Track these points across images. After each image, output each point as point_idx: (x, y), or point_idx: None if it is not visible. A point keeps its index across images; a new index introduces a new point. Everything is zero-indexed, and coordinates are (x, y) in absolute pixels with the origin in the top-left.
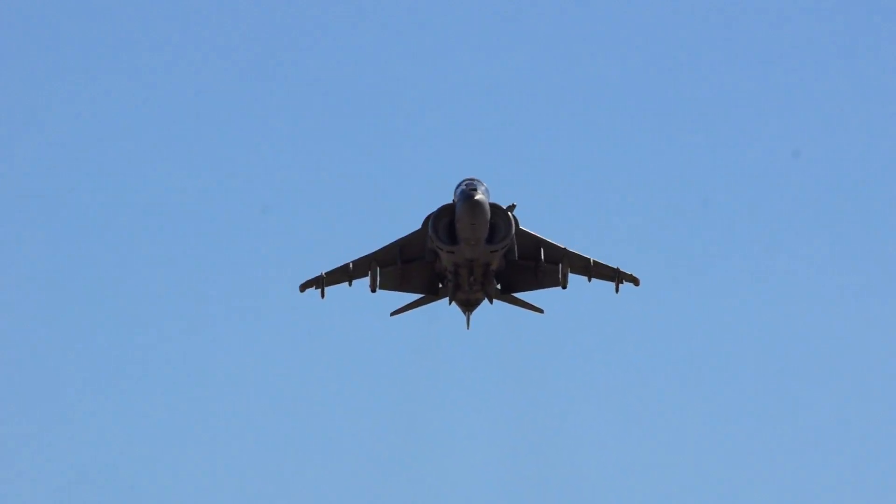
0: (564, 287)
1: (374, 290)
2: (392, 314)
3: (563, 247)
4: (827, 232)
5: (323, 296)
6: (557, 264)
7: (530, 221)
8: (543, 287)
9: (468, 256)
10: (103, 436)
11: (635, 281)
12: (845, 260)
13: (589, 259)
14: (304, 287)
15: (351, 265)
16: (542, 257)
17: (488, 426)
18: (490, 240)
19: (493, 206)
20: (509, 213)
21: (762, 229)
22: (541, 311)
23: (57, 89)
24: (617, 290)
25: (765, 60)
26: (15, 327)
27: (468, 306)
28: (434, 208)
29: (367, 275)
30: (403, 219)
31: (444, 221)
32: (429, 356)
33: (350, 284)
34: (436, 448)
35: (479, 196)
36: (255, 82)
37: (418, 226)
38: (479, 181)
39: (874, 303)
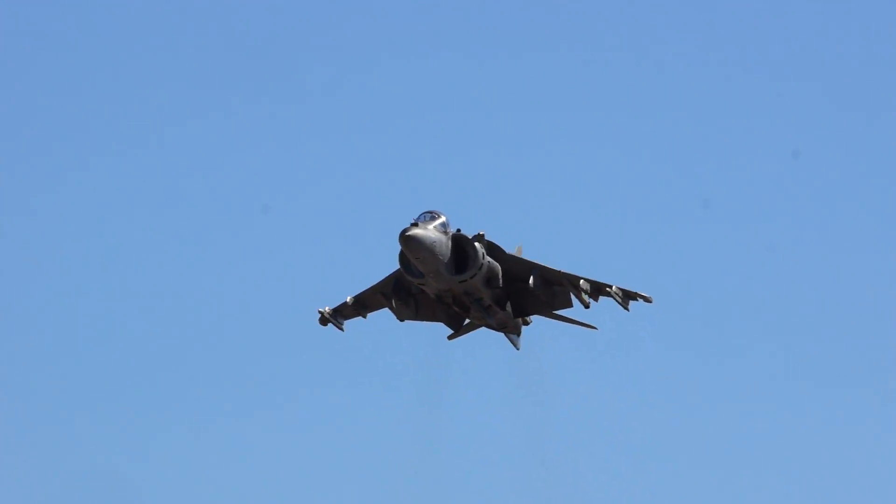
0: (586, 307)
1: (402, 320)
2: (449, 338)
3: (556, 269)
4: (826, 231)
5: (342, 329)
6: (559, 286)
7: (530, 246)
8: (556, 309)
9: (440, 287)
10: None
11: (647, 299)
12: (845, 259)
13: (579, 278)
14: (324, 322)
15: (349, 300)
16: (531, 282)
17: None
18: (461, 270)
19: (460, 238)
20: (476, 242)
21: (762, 230)
22: (594, 327)
23: (57, 87)
24: (627, 308)
25: (765, 60)
26: (12, 328)
27: (504, 330)
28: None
29: (379, 307)
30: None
31: None
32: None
33: (365, 317)
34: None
35: (411, 231)
36: (255, 86)
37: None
38: (433, 214)
39: (877, 300)
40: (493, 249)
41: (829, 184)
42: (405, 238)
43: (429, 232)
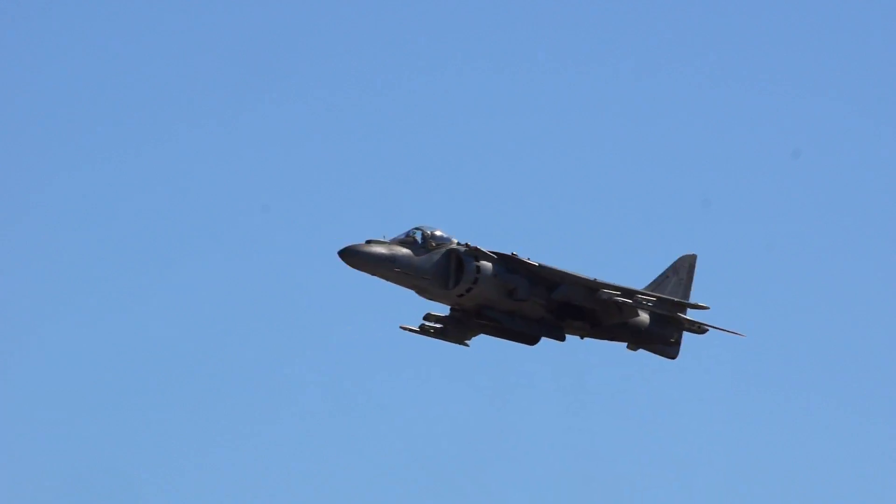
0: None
1: (534, 343)
2: (629, 348)
3: (583, 276)
4: (826, 232)
5: (467, 344)
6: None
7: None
8: (626, 319)
9: (445, 302)
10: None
11: (702, 307)
12: (845, 260)
13: (599, 285)
14: (436, 335)
15: (426, 317)
16: (555, 294)
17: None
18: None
19: (451, 252)
20: (467, 254)
21: (762, 230)
22: (742, 335)
23: (56, 86)
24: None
25: (765, 59)
26: (12, 328)
27: (637, 342)
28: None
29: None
30: None
31: None
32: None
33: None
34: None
35: (345, 246)
36: (255, 85)
37: None
38: (419, 228)
39: (878, 300)
40: (509, 261)
41: (829, 184)
42: (340, 254)
43: (381, 248)
